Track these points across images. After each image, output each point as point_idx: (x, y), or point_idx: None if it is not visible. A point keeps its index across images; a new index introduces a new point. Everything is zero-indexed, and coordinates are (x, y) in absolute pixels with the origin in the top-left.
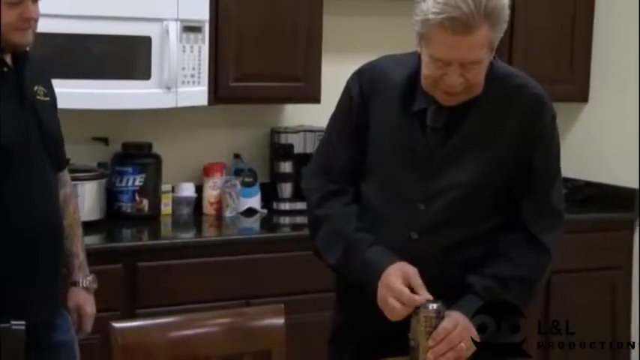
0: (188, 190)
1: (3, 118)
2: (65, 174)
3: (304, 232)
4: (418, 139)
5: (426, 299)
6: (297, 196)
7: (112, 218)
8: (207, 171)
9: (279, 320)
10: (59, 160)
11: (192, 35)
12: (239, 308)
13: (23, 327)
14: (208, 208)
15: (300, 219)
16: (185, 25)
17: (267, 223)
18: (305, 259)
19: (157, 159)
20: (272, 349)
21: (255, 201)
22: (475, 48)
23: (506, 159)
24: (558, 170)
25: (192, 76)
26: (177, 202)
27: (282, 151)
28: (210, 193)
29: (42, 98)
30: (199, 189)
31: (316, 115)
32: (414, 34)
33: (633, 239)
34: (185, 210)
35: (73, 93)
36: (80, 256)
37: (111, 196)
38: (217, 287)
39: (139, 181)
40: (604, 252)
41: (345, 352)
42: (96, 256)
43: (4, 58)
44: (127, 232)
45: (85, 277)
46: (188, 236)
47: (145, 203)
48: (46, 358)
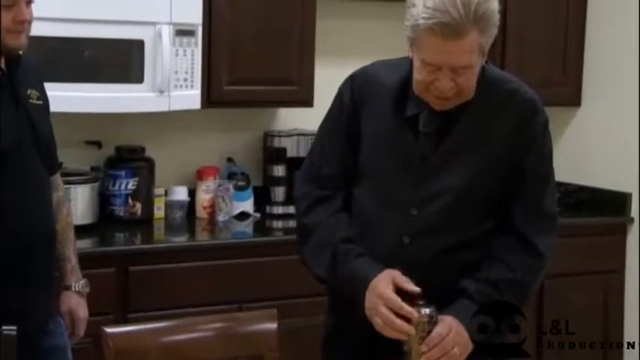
0: (181, 194)
1: None
2: (57, 177)
3: None
4: (410, 144)
5: (415, 292)
6: (290, 200)
7: (105, 222)
8: (200, 175)
9: (272, 325)
10: (52, 164)
11: (185, 39)
12: (232, 313)
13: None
14: (201, 212)
15: (293, 223)
16: (178, 29)
17: (260, 227)
18: (298, 263)
19: (150, 162)
20: (265, 354)
21: (248, 205)
22: (465, 53)
23: (498, 163)
24: (551, 174)
25: (185, 80)
26: (170, 206)
27: (275, 155)
28: (203, 197)
29: (35, 102)
30: (192, 193)
31: (309, 119)
32: (405, 39)
33: (626, 243)
34: (178, 214)
35: (66, 96)
36: (72, 260)
37: (104, 200)
38: (210, 291)
39: (132, 185)
40: (597, 256)
41: (338, 357)
42: (88, 260)
43: None
44: (120, 236)
45: (78, 281)
46: (181, 240)
47: (138, 207)
48: None
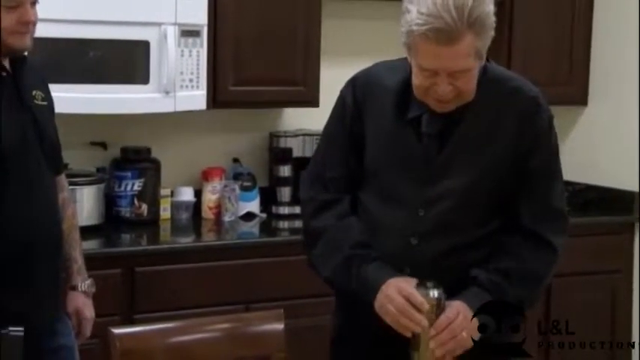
0: (187, 195)
1: (1, 123)
2: (63, 178)
3: None
4: (414, 146)
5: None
6: (296, 200)
7: (111, 223)
8: (206, 175)
9: (278, 325)
10: (57, 165)
11: (190, 39)
12: (238, 313)
13: (21, 333)
14: (207, 213)
15: (299, 223)
16: (183, 30)
17: (266, 228)
18: (304, 264)
19: (156, 163)
20: (271, 354)
21: (254, 205)
22: (461, 57)
23: (503, 161)
24: (558, 171)
25: (190, 81)
26: (176, 207)
27: (281, 155)
28: (209, 198)
29: (40, 102)
30: (198, 193)
31: (315, 119)
32: (402, 44)
33: (633, 242)
34: (184, 214)
35: (71, 97)
36: (78, 261)
37: (109, 201)
38: (216, 292)
39: (138, 186)
40: (604, 255)
41: (347, 354)
42: (95, 261)
43: (3, 63)
44: (126, 237)
45: (84, 282)
46: (187, 241)
47: (144, 208)
48: None
